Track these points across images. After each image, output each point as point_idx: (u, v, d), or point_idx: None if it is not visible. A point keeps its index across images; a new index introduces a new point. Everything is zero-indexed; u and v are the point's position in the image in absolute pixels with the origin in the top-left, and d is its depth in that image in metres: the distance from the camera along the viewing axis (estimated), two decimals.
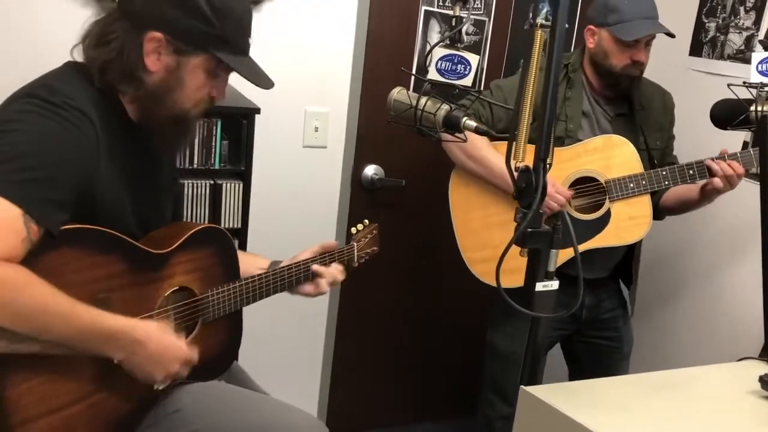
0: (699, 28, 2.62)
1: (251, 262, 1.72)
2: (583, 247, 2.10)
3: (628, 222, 2.13)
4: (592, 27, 2.13)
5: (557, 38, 1.18)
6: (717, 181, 2.05)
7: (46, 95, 1.29)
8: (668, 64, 2.69)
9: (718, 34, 2.55)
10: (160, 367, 1.37)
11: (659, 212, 2.26)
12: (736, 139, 2.18)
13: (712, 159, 2.07)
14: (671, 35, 2.08)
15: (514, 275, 1.23)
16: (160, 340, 1.36)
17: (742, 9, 2.47)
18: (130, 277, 1.38)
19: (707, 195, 2.12)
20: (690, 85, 2.60)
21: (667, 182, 2.10)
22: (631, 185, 2.11)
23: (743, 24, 2.46)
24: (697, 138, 2.32)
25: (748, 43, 2.44)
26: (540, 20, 1.21)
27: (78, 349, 1.27)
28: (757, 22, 2.42)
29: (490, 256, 2.20)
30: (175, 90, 1.40)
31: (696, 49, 2.63)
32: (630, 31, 2.04)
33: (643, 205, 2.13)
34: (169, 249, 1.47)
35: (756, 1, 2.43)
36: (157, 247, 1.45)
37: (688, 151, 2.33)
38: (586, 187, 2.16)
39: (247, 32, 1.43)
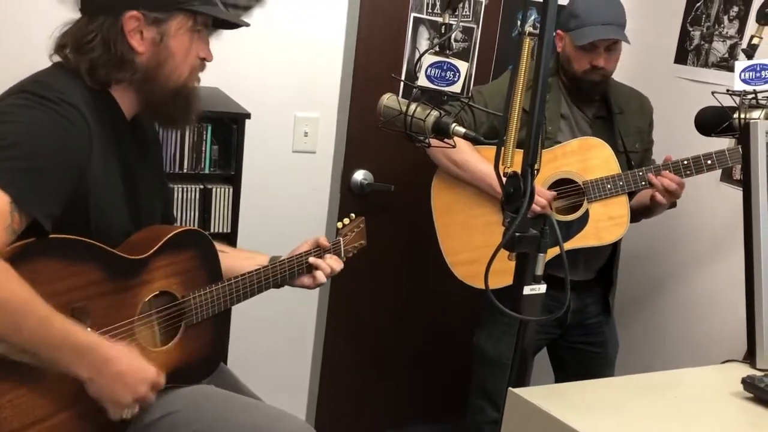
0: (684, 36, 2.65)
1: (250, 260, 1.73)
2: (555, 252, 2.14)
3: (606, 222, 2.16)
4: (560, 32, 2.18)
5: (545, 46, 1.20)
6: (658, 196, 2.11)
7: (37, 90, 1.31)
8: (653, 72, 2.73)
9: (702, 43, 2.59)
10: (127, 388, 1.33)
11: (632, 214, 2.30)
12: (719, 145, 2.21)
13: (653, 171, 2.12)
14: (626, 41, 2.10)
15: (498, 276, 1.25)
16: (127, 361, 1.33)
17: (725, 18, 2.51)
18: (108, 284, 1.37)
19: (656, 205, 2.16)
20: (675, 93, 2.64)
21: (643, 183, 2.13)
22: (609, 186, 2.14)
23: (727, 32, 2.50)
24: (681, 144, 2.34)
25: (732, 51, 2.48)
26: (528, 28, 1.23)
27: (44, 359, 1.24)
28: (741, 31, 2.46)
29: (473, 258, 2.23)
30: (167, 61, 1.43)
31: (681, 57, 2.67)
32: (583, 35, 2.08)
33: (620, 205, 2.16)
34: (147, 254, 1.46)
35: (739, 11, 2.47)
36: (135, 253, 1.44)
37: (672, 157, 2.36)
38: (565, 188, 2.19)
39: None
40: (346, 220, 1.88)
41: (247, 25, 1.57)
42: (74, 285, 1.31)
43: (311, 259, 1.74)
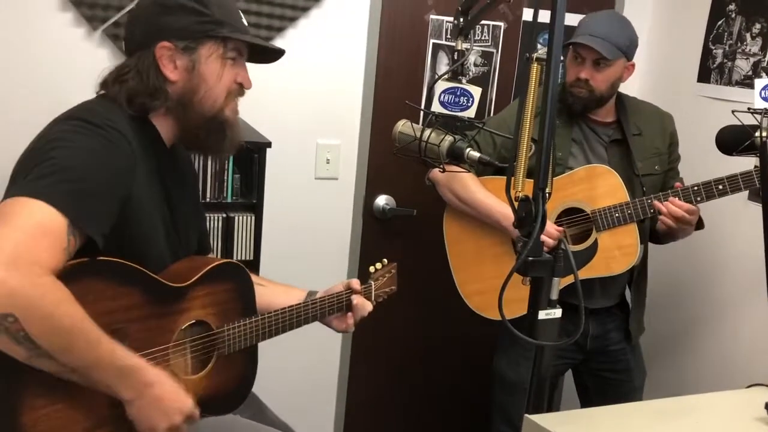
0: (706, 54, 2.63)
1: (286, 295, 1.77)
2: (569, 279, 2.13)
3: (615, 252, 2.13)
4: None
5: (553, 70, 1.20)
6: (668, 222, 2.07)
7: (86, 116, 1.36)
8: (677, 91, 2.70)
9: (725, 61, 2.56)
10: (163, 414, 1.35)
11: (656, 237, 2.26)
12: (744, 164, 2.18)
13: (661, 198, 2.09)
14: (603, 54, 2.07)
15: (511, 305, 1.24)
16: (168, 388, 1.36)
17: (748, 35, 2.48)
18: (149, 309, 1.40)
19: (672, 230, 2.12)
20: (698, 111, 2.61)
21: (652, 210, 2.10)
22: (617, 215, 2.11)
23: (750, 50, 2.48)
24: (706, 164, 2.32)
25: (755, 68, 2.45)
26: (535, 54, 1.24)
27: (91, 379, 1.28)
28: (764, 48, 2.43)
29: (485, 289, 2.22)
30: (200, 87, 1.47)
31: (704, 76, 2.64)
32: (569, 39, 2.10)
33: (630, 234, 2.13)
34: (188, 283, 1.48)
35: (762, 28, 2.44)
36: (176, 281, 1.47)
37: (697, 177, 2.33)
38: (574, 217, 2.17)
39: (235, 12, 1.53)
40: (379, 265, 1.90)
41: (282, 51, 1.59)
42: (117, 307, 1.34)
43: (354, 299, 1.76)
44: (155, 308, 1.41)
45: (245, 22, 1.53)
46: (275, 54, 1.60)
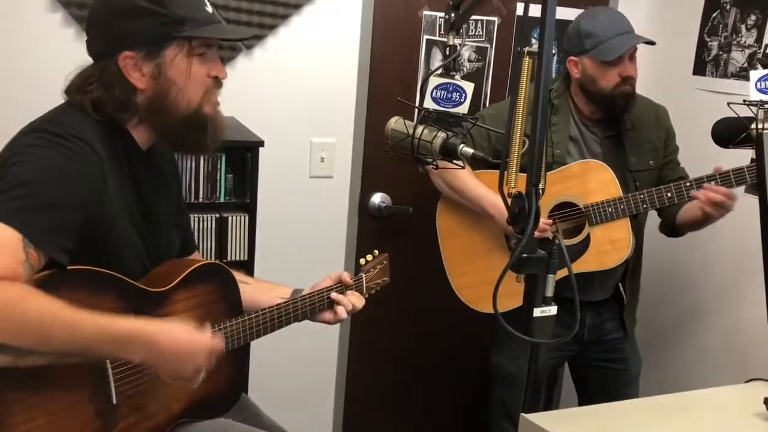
0: (701, 47, 2.62)
1: (272, 292, 1.73)
2: (564, 273, 2.13)
3: (608, 246, 2.12)
4: (573, 58, 2.14)
5: (544, 64, 1.19)
6: (708, 210, 2.05)
7: (49, 128, 1.34)
8: (672, 84, 2.69)
9: (720, 53, 2.55)
10: (183, 362, 1.34)
11: (678, 229, 2.24)
12: (741, 157, 2.16)
13: (694, 185, 2.07)
14: (651, 43, 2.08)
15: (503, 299, 1.23)
16: (176, 338, 1.33)
17: (743, 27, 2.47)
18: (129, 316, 1.36)
19: (707, 219, 2.11)
20: (694, 104, 2.60)
21: (645, 206, 2.10)
22: (610, 210, 2.11)
23: (745, 42, 2.46)
24: (702, 157, 2.30)
25: (751, 60, 2.43)
26: (527, 48, 1.22)
27: (92, 356, 1.27)
28: (759, 40, 2.42)
29: (477, 282, 2.21)
30: (171, 91, 1.42)
31: (699, 68, 2.63)
32: (610, 49, 2.05)
33: (622, 229, 2.12)
34: (168, 287, 1.46)
35: (757, 19, 2.43)
36: (157, 285, 1.45)
37: (694, 170, 2.31)
38: (567, 211, 2.16)
39: (199, 3, 1.44)
40: (369, 257, 1.87)
41: (247, 35, 1.56)
42: None
43: (333, 295, 1.73)
44: (136, 315, 1.37)
45: (209, 9, 1.46)
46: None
